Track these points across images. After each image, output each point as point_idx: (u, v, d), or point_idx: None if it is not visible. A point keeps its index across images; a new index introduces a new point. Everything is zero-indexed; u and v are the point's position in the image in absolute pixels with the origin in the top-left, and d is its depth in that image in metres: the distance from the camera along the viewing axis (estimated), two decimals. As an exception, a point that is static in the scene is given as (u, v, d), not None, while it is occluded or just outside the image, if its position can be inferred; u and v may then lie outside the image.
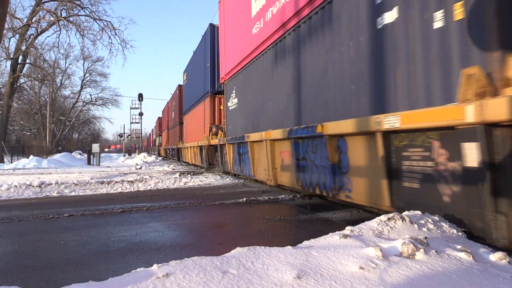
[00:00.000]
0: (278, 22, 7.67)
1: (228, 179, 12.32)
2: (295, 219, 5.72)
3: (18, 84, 31.31)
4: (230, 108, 11.86)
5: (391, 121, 4.00)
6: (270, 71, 8.37)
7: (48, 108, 40.61)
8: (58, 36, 34.63)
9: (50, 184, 10.49)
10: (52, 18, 27.14)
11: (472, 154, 3.20)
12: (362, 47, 4.92)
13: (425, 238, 2.84)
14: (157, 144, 49.91)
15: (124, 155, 43.52)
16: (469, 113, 3.05)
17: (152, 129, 70.78)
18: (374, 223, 3.28)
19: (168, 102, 33.06)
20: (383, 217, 3.33)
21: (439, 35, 3.68)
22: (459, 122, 3.17)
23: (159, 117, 46.95)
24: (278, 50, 7.91)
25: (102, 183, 11.13)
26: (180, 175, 13.63)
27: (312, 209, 6.57)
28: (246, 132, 10.04)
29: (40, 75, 33.87)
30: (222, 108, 14.59)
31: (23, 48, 26.96)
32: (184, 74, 23.65)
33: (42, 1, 27.05)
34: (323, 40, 5.96)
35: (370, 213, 6.11)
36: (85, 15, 27.36)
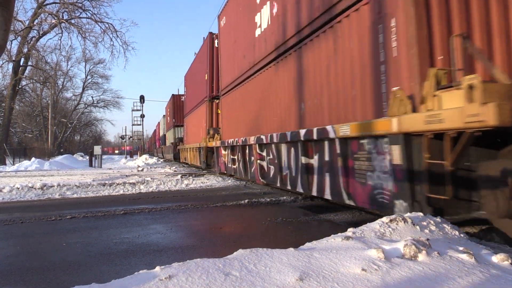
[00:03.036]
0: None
1: (229, 181, 12.33)
2: (297, 221, 5.72)
3: (20, 86, 31.36)
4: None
5: None
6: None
7: (49, 110, 40.71)
8: (59, 38, 34.76)
9: (52, 186, 10.50)
10: (53, 21, 27.20)
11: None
12: None
13: (427, 239, 2.84)
14: (170, 142, 31.65)
15: (126, 157, 43.56)
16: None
17: (159, 123, 47.26)
18: (376, 224, 3.28)
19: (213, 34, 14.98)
20: (385, 219, 3.34)
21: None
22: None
23: (173, 96, 29.38)
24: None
25: (104, 185, 11.14)
26: (181, 177, 13.65)
27: (314, 211, 6.57)
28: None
29: (41, 77, 33.96)
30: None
31: (25, 50, 27.00)
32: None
33: (44, 4, 27.13)
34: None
35: (372, 214, 6.11)
36: (86, 18, 27.41)
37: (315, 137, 5.80)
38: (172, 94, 29.67)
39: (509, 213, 3.38)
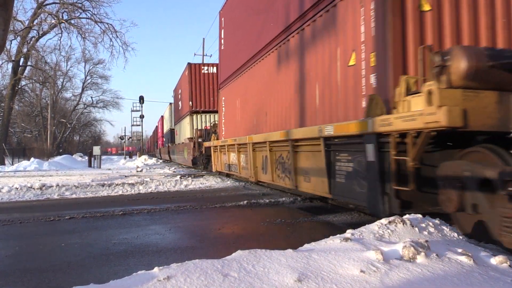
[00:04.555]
0: None
1: (229, 182, 12.32)
2: (296, 222, 5.71)
3: (19, 87, 31.36)
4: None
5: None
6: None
7: (49, 110, 40.70)
8: (59, 38, 34.72)
9: (51, 186, 10.49)
10: (53, 21, 27.21)
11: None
12: None
13: (426, 241, 2.84)
14: (185, 138, 20.50)
15: (125, 158, 43.52)
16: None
17: (162, 117, 37.95)
18: (375, 226, 3.28)
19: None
20: (384, 221, 3.34)
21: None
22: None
23: (190, 66, 19.75)
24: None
25: (103, 185, 11.14)
26: (181, 177, 13.64)
27: (313, 212, 6.57)
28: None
29: (41, 77, 33.92)
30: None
31: (25, 50, 26.99)
32: None
33: (44, 4, 27.14)
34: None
35: (371, 216, 6.11)
36: (86, 18, 27.41)
37: None
38: (188, 63, 19.78)
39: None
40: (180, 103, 23.38)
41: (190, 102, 19.25)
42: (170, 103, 29.94)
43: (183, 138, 21.57)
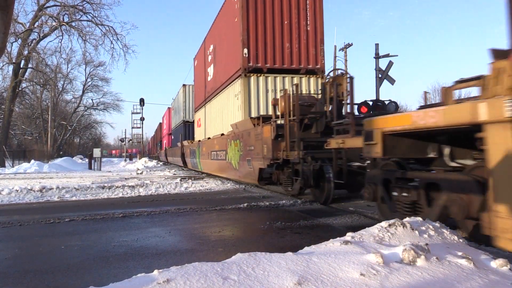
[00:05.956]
0: None
1: (229, 184, 12.32)
2: (296, 225, 5.71)
3: (20, 89, 31.38)
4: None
5: None
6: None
7: (49, 113, 40.70)
8: (60, 41, 34.59)
9: (51, 188, 10.49)
10: (54, 23, 27.27)
11: None
12: None
13: (426, 244, 2.84)
14: (230, 125, 11.24)
15: (125, 160, 43.51)
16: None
17: (169, 110, 31.86)
18: (375, 229, 3.28)
19: None
20: (384, 224, 3.33)
21: None
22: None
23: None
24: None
25: (103, 188, 11.13)
26: (181, 180, 13.63)
27: (313, 215, 6.56)
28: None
29: (42, 79, 33.97)
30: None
31: (25, 52, 27.02)
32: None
33: (45, 6, 27.19)
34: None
35: (371, 219, 6.11)
36: (87, 20, 27.49)
37: None
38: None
39: None
40: (211, 69, 13.80)
41: (245, 51, 10.35)
42: (184, 85, 22.82)
43: (221, 128, 13.13)
